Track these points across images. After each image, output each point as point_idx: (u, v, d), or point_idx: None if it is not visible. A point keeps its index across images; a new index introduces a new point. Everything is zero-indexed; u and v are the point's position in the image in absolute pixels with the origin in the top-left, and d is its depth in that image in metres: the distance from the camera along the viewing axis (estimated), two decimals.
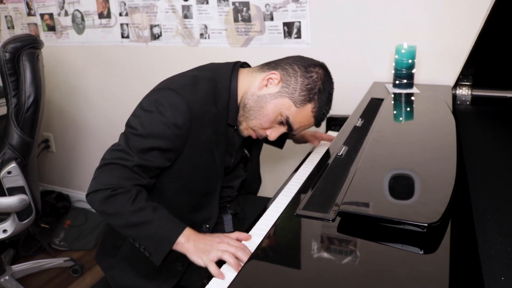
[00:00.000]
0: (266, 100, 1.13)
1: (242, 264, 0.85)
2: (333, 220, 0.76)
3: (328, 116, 1.73)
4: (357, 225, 0.76)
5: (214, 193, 1.22)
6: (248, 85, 1.17)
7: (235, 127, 1.21)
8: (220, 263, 0.91)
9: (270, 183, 2.15)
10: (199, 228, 1.23)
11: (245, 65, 1.26)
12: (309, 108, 1.12)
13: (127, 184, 1.04)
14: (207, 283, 0.84)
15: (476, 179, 0.97)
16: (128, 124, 1.10)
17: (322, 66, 1.17)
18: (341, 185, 0.87)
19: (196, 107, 1.08)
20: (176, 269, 1.20)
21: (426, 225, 0.67)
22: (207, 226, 1.24)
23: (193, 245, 0.97)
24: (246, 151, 1.38)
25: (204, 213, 1.24)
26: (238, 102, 1.18)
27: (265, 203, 1.34)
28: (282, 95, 1.12)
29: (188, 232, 1.00)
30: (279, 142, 1.63)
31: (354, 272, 0.66)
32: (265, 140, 1.64)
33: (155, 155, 1.07)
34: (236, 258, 0.90)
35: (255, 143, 1.39)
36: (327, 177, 0.92)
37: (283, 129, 1.17)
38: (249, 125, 1.18)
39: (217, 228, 1.32)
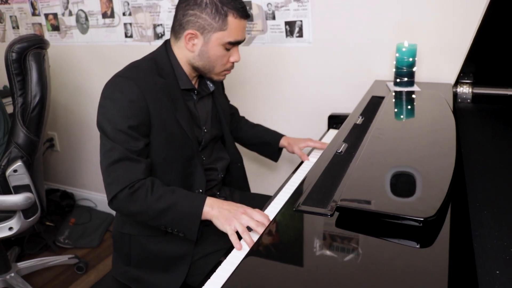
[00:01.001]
0: (205, 51, 1.22)
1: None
2: (332, 215, 0.77)
3: (329, 114, 1.78)
4: (355, 220, 0.77)
5: (194, 158, 1.29)
6: (184, 54, 1.26)
7: (195, 92, 1.31)
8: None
9: (272, 181, 2.17)
10: None
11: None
12: (231, 20, 1.19)
13: (137, 174, 1.11)
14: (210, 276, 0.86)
15: (475, 176, 0.98)
16: (98, 125, 1.17)
17: None
18: (340, 181, 0.88)
19: (142, 81, 1.17)
20: (185, 260, 1.24)
21: (422, 219, 0.68)
22: (200, 191, 1.30)
23: (218, 211, 1.05)
24: (221, 126, 1.45)
25: (193, 179, 1.30)
26: (184, 69, 1.27)
27: (262, 200, 1.36)
28: (209, 36, 1.20)
29: (210, 200, 1.09)
30: (271, 152, 1.65)
31: (352, 265, 0.68)
32: (258, 149, 1.67)
33: (134, 136, 1.14)
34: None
35: (222, 117, 1.45)
36: (326, 173, 0.94)
37: (236, 48, 1.26)
38: (216, 73, 1.28)
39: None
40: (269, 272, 0.69)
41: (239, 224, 0.98)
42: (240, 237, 0.96)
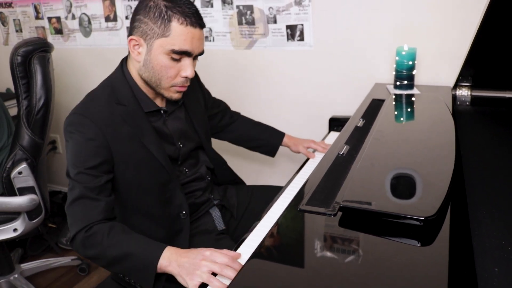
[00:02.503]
0: (149, 60, 1.13)
1: (226, 285, 0.82)
2: (335, 214, 0.79)
3: (330, 117, 1.80)
4: (357, 220, 0.79)
5: (170, 181, 1.23)
6: (134, 67, 1.18)
7: (161, 111, 1.23)
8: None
9: (269, 173, 2.19)
10: (177, 218, 1.25)
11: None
12: (176, 26, 1.08)
13: (93, 214, 1.06)
14: None
15: (474, 177, 1.00)
16: (67, 163, 1.13)
17: None
18: (343, 182, 0.90)
19: (99, 115, 1.12)
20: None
21: (422, 218, 0.71)
22: (184, 212, 1.25)
23: (176, 266, 0.94)
24: (199, 135, 1.37)
25: (174, 203, 1.24)
26: (142, 88, 1.19)
27: (259, 191, 1.34)
28: (151, 43, 1.11)
29: (168, 253, 0.97)
30: (272, 152, 1.63)
31: (355, 264, 0.70)
32: (258, 149, 1.64)
33: (94, 174, 1.09)
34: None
35: (198, 129, 1.37)
36: (329, 174, 0.96)
37: (187, 61, 1.14)
38: (165, 87, 1.17)
39: (208, 227, 1.33)
40: (272, 273, 0.71)
41: (201, 275, 0.88)
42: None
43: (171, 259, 0.95)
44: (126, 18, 2.22)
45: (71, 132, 1.12)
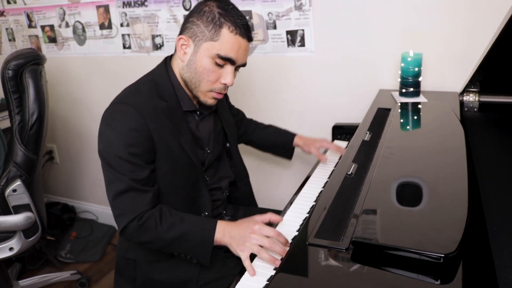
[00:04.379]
0: (193, 61, 1.16)
1: (278, 258, 0.89)
2: (347, 249, 0.74)
3: (333, 124, 1.75)
4: (371, 254, 0.74)
5: (199, 181, 1.25)
6: (178, 66, 1.21)
7: (197, 113, 1.26)
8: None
9: (275, 194, 2.13)
10: None
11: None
12: (226, 32, 1.12)
13: (144, 204, 1.09)
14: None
15: (489, 196, 0.95)
16: (100, 154, 1.13)
17: None
18: (352, 207, 0.85)
19: (144, 106, 1.13)
20: (190, 286, 1.21)
21: (443, 255, 0.65)
22: (206, 213, 1.27)
23: (228, 237, 1.03)
24: (228, 144, 1.42)
25: (199, 203, 1.27)
26: (183, 87, 1.22)
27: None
28: (199, 45, 1.14)
29: (220, 226, 1.06)
30: (285, 152, 1.63)
31: None
32: (272, 151, 1.65)
33: (139, 164, 1.10)
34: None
35: (229, 135, 1.41)
36: (337, 199, 0.91)
37: (230, 68, 1.16)
38: (203, 91, 1.19)
39: None
40: None
41: (251, 246, 0.96)
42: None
43: (225, 231, 1.05)
44: (121, 25, 2.17)
45: (112, 120, 1.11)
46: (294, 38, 1.82)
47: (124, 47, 2.21)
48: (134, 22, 2.13)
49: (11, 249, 1.68)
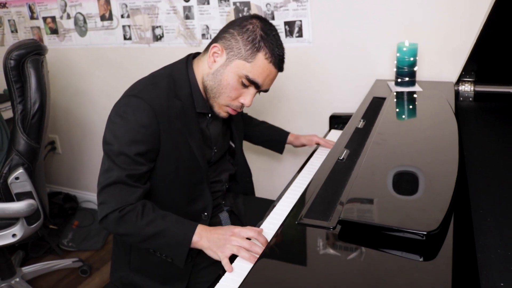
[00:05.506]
0: (220, 73, 1.15)
1: (257, 256, 0.90)
2: (334, 228, 0.77)
3: (330, 114, 1.77)
4: (357, 233, 0.77)
5: (202, 182, 1.25)
6: (202, 70, 1.20)
7: (209, 115, 1.25)
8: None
9: (272, 185, 2.16)
10: (198, 217, 1.28)
11: (197, 55, 1.28)
12: (261, 57, 1.12)
13: (130, 199, 1.08)
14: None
15: (478, 181, 0.97)
16: (104, 141, 1.13)
17: (256, 17, 1.18)
18: (342, 190, 0.87)
19: (159, 103, 1.12)
20: (186, 270, 1.23)
21: (425, 233, 0.68)
22: (205, 214, 1.28)
23: (206, 241, 1.02)
24: (232, 144, 1.43)
25: (200, 203, 1.27)
26: (201, 89, 1.21)
27: (266, 204, 1.35)
28: (231, 59, 1.13)
29: (199, 229, 1.05)
30: (278, 147, 1.67)
31: (353, 279, 0.67)
32: (264, 144, 1.68)
33: (138, 161, 1.10)
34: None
35: (235, 135, 1.42)
36: (328, 182, 0.93)
37: (252, 91, 1.18)
38: (220, 103, 1.19)
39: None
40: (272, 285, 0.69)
41: (231, 248, 0.96)
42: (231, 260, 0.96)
43: (202, 235, 1.03)
44: (122, 16, 2.19)
45: (125, 112, 1.11)
46: (292, 29, 1.83)
47: (125, 38, 2.23)
48: (135, 13, 2.15)
49: (14, 235, 1.72)
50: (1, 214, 1.67)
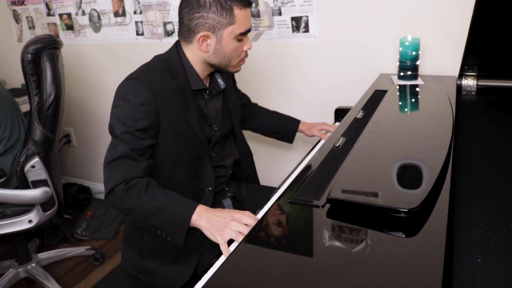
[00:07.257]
0: (220, 48, 1.25)
1: None
2: (323, 206, 0.81)
3: (336, 108, 1.81)
4: (345, 211, 0.81)
5: (203, 157, 1.32)
6: (197, 54, 1.28)
7: (207, 92, 1.34)
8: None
9: (283, 173, 2.20)
10: (201, 193, 1.34)
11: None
12: (238, 12, 1.21)
13: (135, 172, 1.14)
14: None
15: (470, 169, 1.00)
16: (110, 126, 1.21)
17: None
18: (335, 174, 0.92)
19: (154, 83, 1.21)
20: (194, 253, 1.29)
21: (406, 210, 0.72)
22: (210, 189, 1.34)
23: (206, 221, 1.04)
24: (233, 122, 1.48)
25: (202, 178, 1.33)
26: (196, 69, 1.30)
27: (269, 192, 1.40)
28: (220, 33, 1.23)
29: (199, 209, 1.08)
30: (289, 138, 1.72)
31: (339, 254, 0.72)
32: (276, 136, 1.73)
33: (141, 137, 1.17)
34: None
35: (233, 114, 1.48)
36: (322, 166, 0.98)
37: (247, 37, 1.30)
38: (233, 65, 1.31)
39: None
40: (259, 260, 0.74)
41: (231, 232, 0.98)
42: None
43: (202, 215, 1.06)
44: (135, 13, 2.26)
45: (124, 95, 1.19)
46: (298, 24, 1.88)
47: (137, 34, 2.31)
48: (147, 9, 2.22)
49: (30, 221, 1.80)
50: (18, 201, 1.75)
